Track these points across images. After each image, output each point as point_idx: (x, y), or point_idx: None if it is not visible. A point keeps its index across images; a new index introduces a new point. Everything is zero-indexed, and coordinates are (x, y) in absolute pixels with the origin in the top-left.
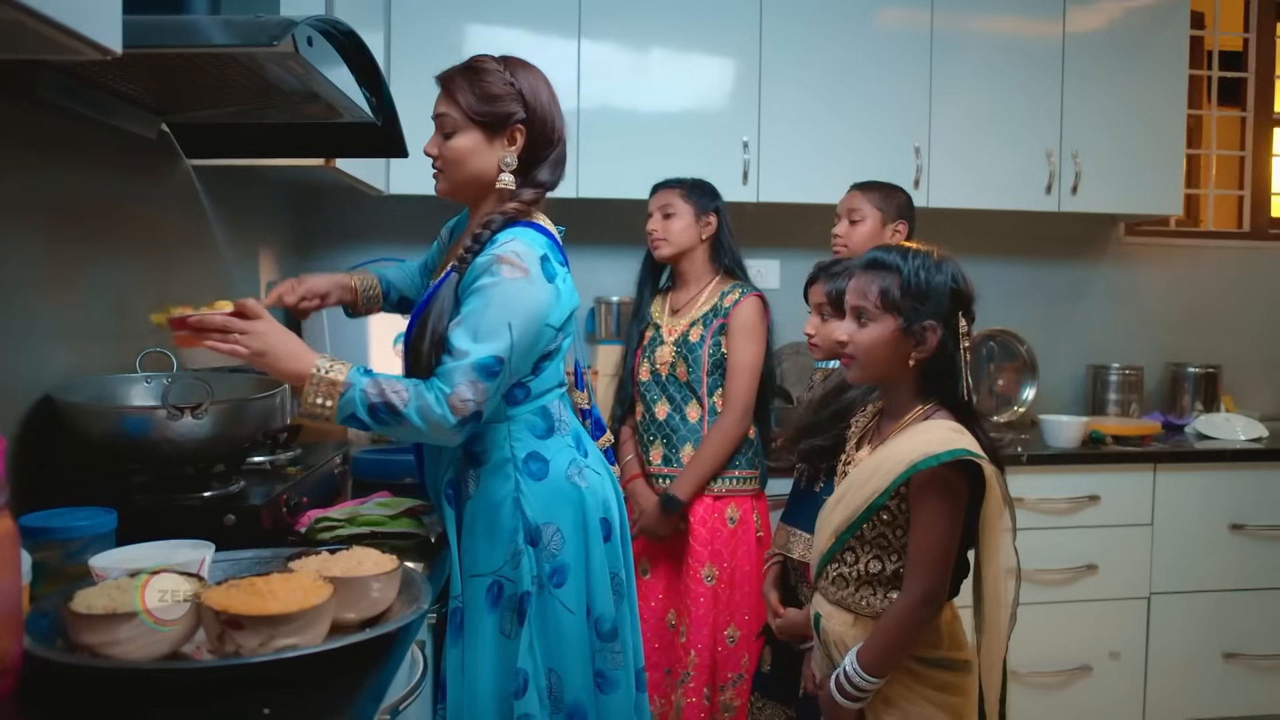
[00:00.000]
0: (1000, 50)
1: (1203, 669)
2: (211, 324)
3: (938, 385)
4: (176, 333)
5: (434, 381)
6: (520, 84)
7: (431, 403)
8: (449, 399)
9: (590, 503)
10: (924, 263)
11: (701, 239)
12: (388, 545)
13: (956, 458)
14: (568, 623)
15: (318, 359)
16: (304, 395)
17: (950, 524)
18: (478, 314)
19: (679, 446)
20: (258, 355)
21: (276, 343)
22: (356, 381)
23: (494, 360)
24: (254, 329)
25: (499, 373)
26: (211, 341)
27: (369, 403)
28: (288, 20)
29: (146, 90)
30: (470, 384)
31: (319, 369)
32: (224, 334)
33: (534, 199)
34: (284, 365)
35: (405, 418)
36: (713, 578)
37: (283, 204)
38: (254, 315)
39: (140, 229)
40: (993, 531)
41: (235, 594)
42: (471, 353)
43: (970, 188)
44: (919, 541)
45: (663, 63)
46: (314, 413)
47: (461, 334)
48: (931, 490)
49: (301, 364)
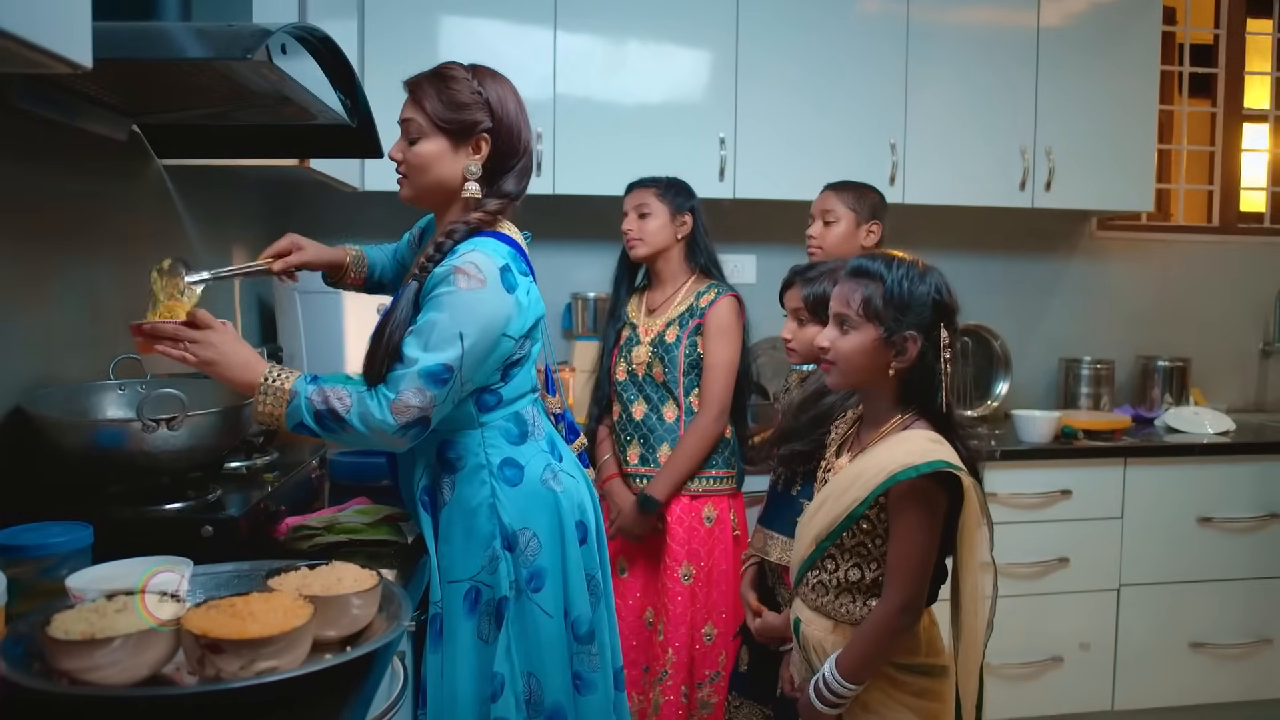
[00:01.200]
0: (976, 45)
1: (1170, 659)
2: (162, 332)
3: (917, 394)
4: (135, 338)
5: (380, 388)
6: (488, 93)
7: (373, 408)
8: (392, 404)
9: (566, 506)
10: (908, 273)
11: (677, 238)
12: (366, 553)
13: (935, 469)
14: (546, 626)
15: (267, 368)
16: (254, 404)
17: (929, 534)
18: (431, 323)
19: (656, 446)
20: (207, 364)
21: (228, 352)
22: (302, 390)
23: (442, 368)
24: (205, 338)
25: (448, 381)
26: (162, 348)
27: (314, 410)
28: (262, 30)
29: (116, 94)
30: (416, 390)
31: (267, 378)
32: (175, 342)
33: (499, 209)
34: (234, 374)
35: (348, 423)
36: (690, 576)
37: (257, 201)
38: (205, 325)
39: (111, 230)
40: (970, 541)
41: (215, 616)
42: (420, 360)
43: (945, 184)
44: (898, 551)
45: (640, 54)
46: (265, 421)
47: (413, 343)
48: (910, 501)
49: (251, 373)
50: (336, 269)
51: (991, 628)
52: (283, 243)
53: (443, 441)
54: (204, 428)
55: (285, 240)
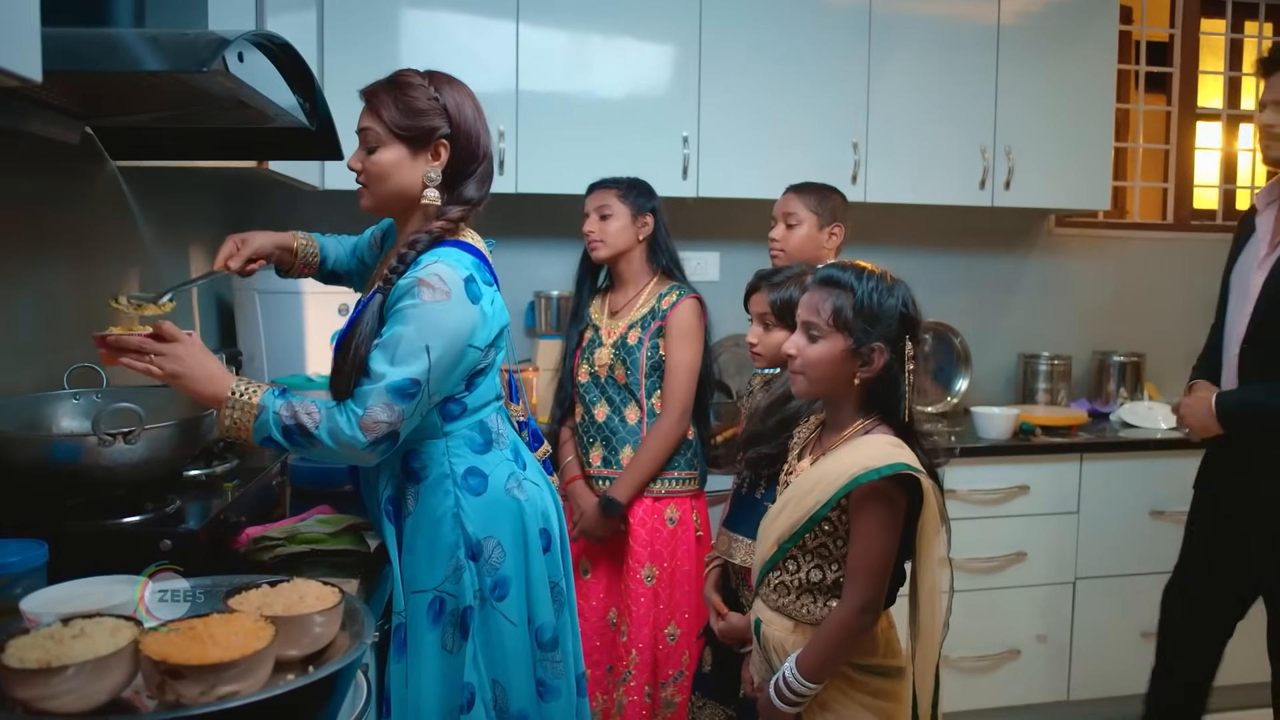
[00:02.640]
0: (937, 43)
1: (1123, 649)
2: (127, 344)
3: (880, 403)
4: (100, 350)
5: (348, 403)
6: (445, 99)
7: (342, 424)
8: (361, 420)
9: (530, 514)
10: (877, 285)
11: (639, 240)
12: (329, 563)
13: (896, 471)
14: (510, 635)
15: (234, 382)
16: (220, 418)
17: (889, 536)
18: (396, 337)
19: (618, 448)
20: (172, 377)
21: (194, 365)
22: (270, 404)
23: (409, 382)
24: (170, 351)
25: (415, 395)
26: (127, 360)
27: (283, 425)
28: (219, 39)
29: (68, 99)
30: (384, 406)
31: (235, 392)
32: (139, 354)
33: (461, 216)
34: (200, 387)
35: (317, 439)
36: (653, 577)
37: (214, 200)
38: (171, 338)
39: (65, 234)
40: (929, 543)
41: (174, 640)
42: (387, 375)
43: (907, 183)
44: (858, 552)
45: (603, 49)
46: (231, 435)
47: (379, 357)
48: (872, 503)
49: (218, 387)
50: (286, 253)
51: (947, 627)
52: (227, 246)
53: (407, 451)
54: (162, 440)
55: (228, 244)
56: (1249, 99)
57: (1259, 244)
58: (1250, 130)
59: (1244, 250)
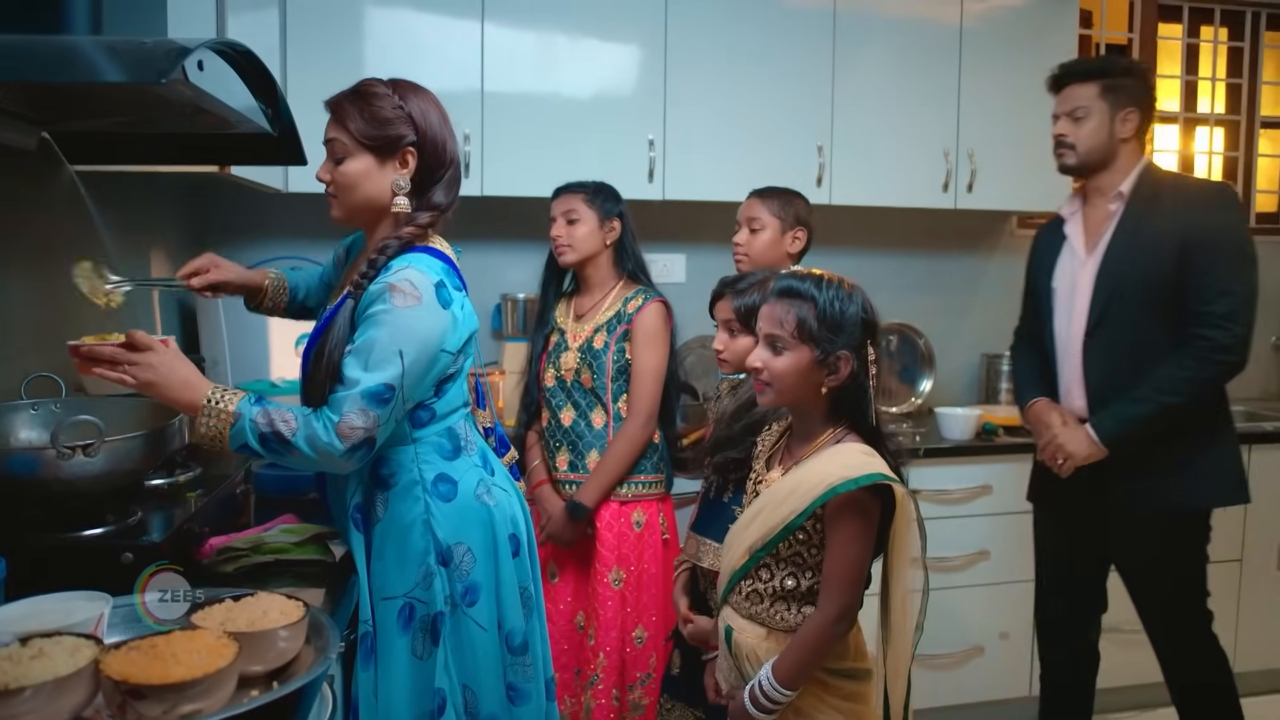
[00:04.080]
0: (901, 46)
1: None
2: (100, 355)
3: (848, 410)
4: (74, 359)
5: (324, 410)
6: (410, 107)
7: (319, 431)
8: (338, 427)
9: (499, 520)
10: (838, 293)
11: (605, 244)
12: (294, 573)
13: (873, 481)
14: (480, 640)
15: (209, 389)
16: (196, 425)
17: (864, 544)
18: (369, 343)
19: (585, 453)
20: (146, 385)
21: (167, 372)
22: (246, 412)
23: (384, 388)
24: (143, 360)
25: (390, 400)
26: (100, 370)
27: (259, 432)
28: (178, 48)
29: (23, 105)
30: (360, 412)
31: (210, 399)
32: (113, 364)
33: (430, 222)
34: (175, 395)
35: (294, 446)
36: (620, 581)
37: (176, 203)
38: (144, 347)
39: (20, 240)
40: (902, 547)
41: (136, 659)
42: (362, 381)
43: (871, 186)
44: (834, 561)
45: (569, 50)
46: (206, 442)
47: (353, 363)
48: (847, 512)
49: (194, 394)
50: (255, 291)
51: (921, 630)
52: (200, 260)
53: (376, 459)
54: (122, 452)
55: (203, 258)
56: (1205, 101)
57: (1074, 249)
58: (1205, 133)
59: (1060, 257)
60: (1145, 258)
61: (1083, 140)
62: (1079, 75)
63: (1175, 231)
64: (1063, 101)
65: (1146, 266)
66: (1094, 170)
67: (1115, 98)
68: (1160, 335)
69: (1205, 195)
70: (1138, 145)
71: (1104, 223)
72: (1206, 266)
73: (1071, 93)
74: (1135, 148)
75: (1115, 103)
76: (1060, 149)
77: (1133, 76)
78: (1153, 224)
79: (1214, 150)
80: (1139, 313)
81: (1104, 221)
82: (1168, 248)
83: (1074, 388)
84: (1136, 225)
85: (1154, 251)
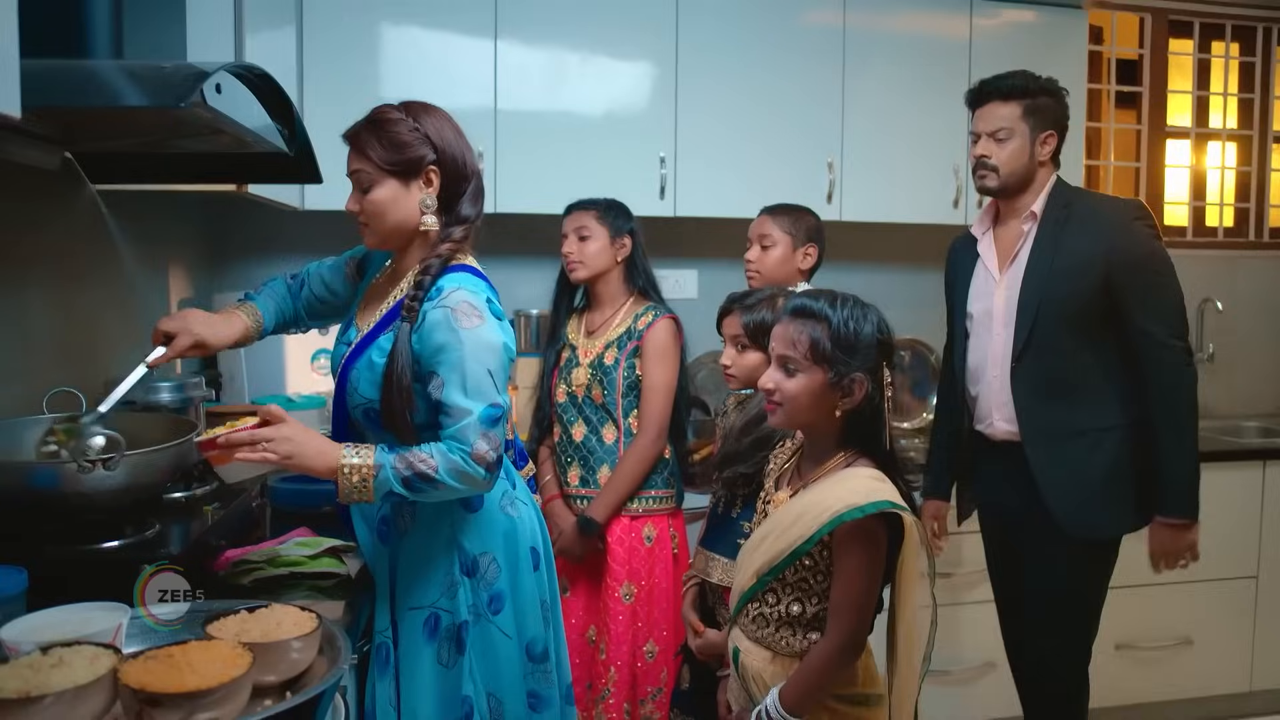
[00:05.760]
0: (910, 63)
1: (1096, 660)
2: (239, 440)
3: (861, 433)
4: (208, 453)
5: (452, 444)
6: (425, 127)
7: (461, 463)
8: (473, 456)
9: (522, 532)
10: (852, 313)
11: (617, 261)
12: (308, 585)
13: (880, 509)
14: (504, 648)
15: (343, 450)
16: (340, 485)
17: (872, 572)
18: (458, 371)
19: (596, 468)
20: (287, 458)
21: (302, 443)
22: (385, 462)
23: (494, 408)
24: (280, 434)
25: (500, 418)
26: (243, 455)
27: (401, 477)
28: (197, 72)
29: (47, 128)
30: (484, 437)
31: (346, 456)
32: (252, 446)
33: (464, 236)
34: (313, 463)
35: (440, 482)
36: (631, 595)
37: (193, 220)
38: (277, 420)
39: (43, 257)
40: (910, 577)
41: (153, 668)
42: (473, 409)
43: (882, 202)
44: (842, 589)
45: (581, 68)
46: (353, 499)
47: (453, 393)
48: (855, 540)
49: (330, 458)
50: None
51: (929, 661)
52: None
53: None
54: (142, 466)
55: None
56: (1217, 116)
57: (989, 269)
58: (1218, 148)
59: (975, 276)
60: (1068, 279)
61: (1005, 163)
62: (1001, 94)
63: (1098, 251)
64: (983, 120)
65: (1070, 287)
66: (1014, 193)
67: (1036, 120)
68: (1091, 356)
69: (1126, 212)
70: (1051, 165)
71: (1016, 242)
72: (1146, 286)
73: (993, 111)
74: (1050, 168)
75: (1036, 125)
76: (982, 170)
77: (1052, 97)
78: (1071, 244)
79: (1226, 165)
80: (1066, 335)
81: (1016, 241)
82: (1091, 267)
83: (995, 411)
84: (1054, 245)
85: (1078, 272)
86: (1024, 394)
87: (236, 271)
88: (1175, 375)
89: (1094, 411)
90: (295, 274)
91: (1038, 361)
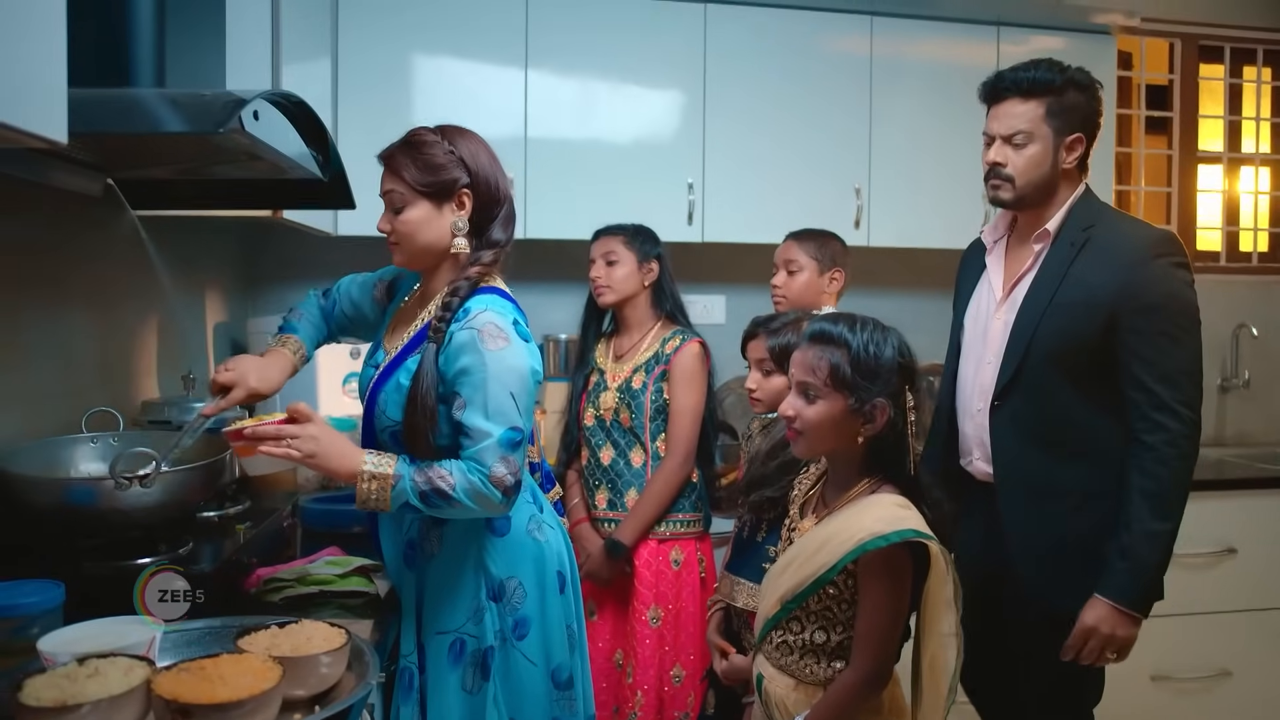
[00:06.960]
0: (936, 89)
1: (1131, 691)
2: (265, 434)
3: (885, 459)
4: (234, 444)
5: (471, 465)
6: (460, 150)
7: (479, 484)
8: (491, 479)
9: (549, 557)
10: (872, 337)
11: (644, 285)
12: (338, 604)
13: (905, 539)
14: (529, 674)
15: (365, 456)
16: (358, 491)
17: (897, 603)
18: (481, 393)
19: (623, 491)
20: (309, 457)
21: (327, 444)
22: (405, 473)
23: (514, 432)
24: (305, 432)
25: (520, 442)
26: (266, 448)
27: (419, 490)
28: (236, 99)
29: (91, 154)
30: (502, 460)
31: (368, 463)
32: (277, 441)
33: (493, 259)
34: (334, 465)
35: (456, 500)
36: (658, 619)
37: (230, 245)
38: (305, 418)
39: (84, 281)
40: (935, 606)
41: (185, 680)
42: (492, 432)
43: (909, 228)
44: (867, 618)
45: (610, 97)
46: (369, 506)
47: (474, 415)
48: (879, 570)
49: (351, 462)
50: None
51: (954, 693)
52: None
53: None
54: (177, 483)
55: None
56: (1249, 141)
57: (992, 286)
58: (1250, 173)
59: (978, 288)
60: (1069, 315)
61: (1022, 172)
62: (1021, 90)
63: (1108, 288)
64: (998, 120)
65: (1069, 325)
66: (1030, 206)
67: (1061, 121)
68: (1079, 409)
69: (1149, 246)
70: (1077, 175)
71: (1025, 261)
72: (1158, 336)
73: (1010, 110)
74: (1074, 178)
75: (1061, 127)
76: (995, 180)
77: (1082, 91)
78: (1081, 274)
79: (1260, 190)
80: (1058, 379)
81: (1025, 259)
82: (1097, 306)
83: (975, 449)
84: (1062, 273)
85: (1081, 309)
86: (1002, 439)
87: (271, 295)
88: (1173, 447)
89: (1084, 472)
90: (327, 290)
91: (1025, 403)
